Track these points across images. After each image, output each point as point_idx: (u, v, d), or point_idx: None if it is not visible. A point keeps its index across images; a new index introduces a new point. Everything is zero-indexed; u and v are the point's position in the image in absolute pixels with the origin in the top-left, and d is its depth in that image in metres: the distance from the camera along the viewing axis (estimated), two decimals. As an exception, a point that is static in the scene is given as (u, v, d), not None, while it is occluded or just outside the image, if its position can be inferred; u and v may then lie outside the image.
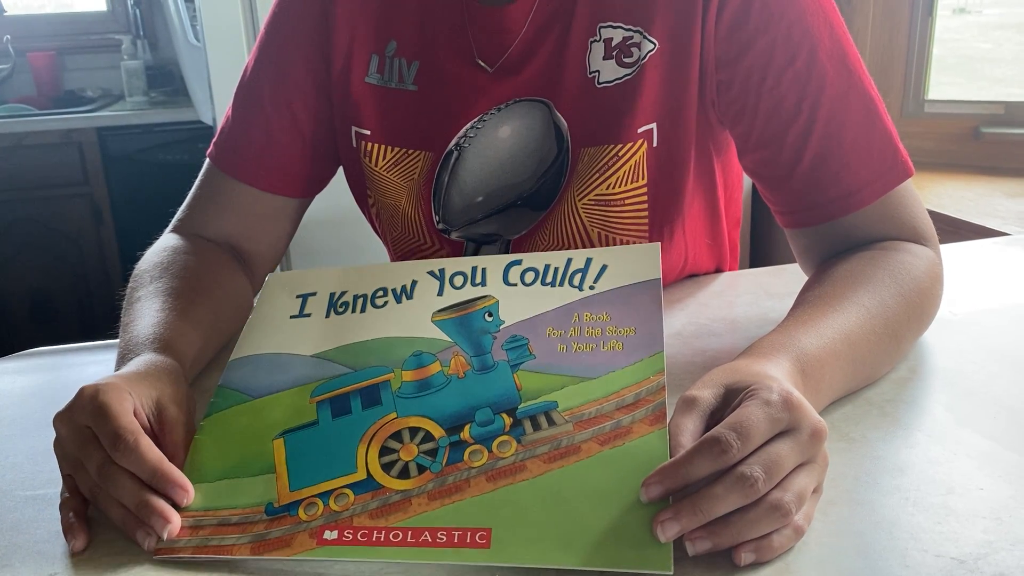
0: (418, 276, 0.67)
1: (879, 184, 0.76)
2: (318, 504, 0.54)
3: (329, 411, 0.60)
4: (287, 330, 0.67)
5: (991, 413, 0.65)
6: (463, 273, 0.66)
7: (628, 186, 0.81)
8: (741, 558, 0.48)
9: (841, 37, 0.76)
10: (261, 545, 0.53)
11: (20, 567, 0.53)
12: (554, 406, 0.56)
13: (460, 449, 0.55)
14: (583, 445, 0.54)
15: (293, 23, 0.89)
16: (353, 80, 0.87)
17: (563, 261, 0.65)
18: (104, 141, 2.78)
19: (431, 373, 0.60)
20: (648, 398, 0.55)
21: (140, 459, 0.55)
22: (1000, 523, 0.52)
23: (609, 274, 0.63)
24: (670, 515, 0.48)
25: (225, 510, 0.55)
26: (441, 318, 0.64)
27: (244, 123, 0.90)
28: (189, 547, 0.53)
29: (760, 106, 0.77)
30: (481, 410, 0.57)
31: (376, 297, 0.67)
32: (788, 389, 0.52)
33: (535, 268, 0.65)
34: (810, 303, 0.68)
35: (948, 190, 1.74)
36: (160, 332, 0.70)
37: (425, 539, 0.51)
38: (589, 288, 0.63)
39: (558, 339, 0.60)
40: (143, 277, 0.80)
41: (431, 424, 0.57)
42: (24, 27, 3.16)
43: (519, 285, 0.64)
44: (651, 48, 0.79)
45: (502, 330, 0.62)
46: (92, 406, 0.56)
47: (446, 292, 0.65)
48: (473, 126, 0.85)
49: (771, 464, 0.48)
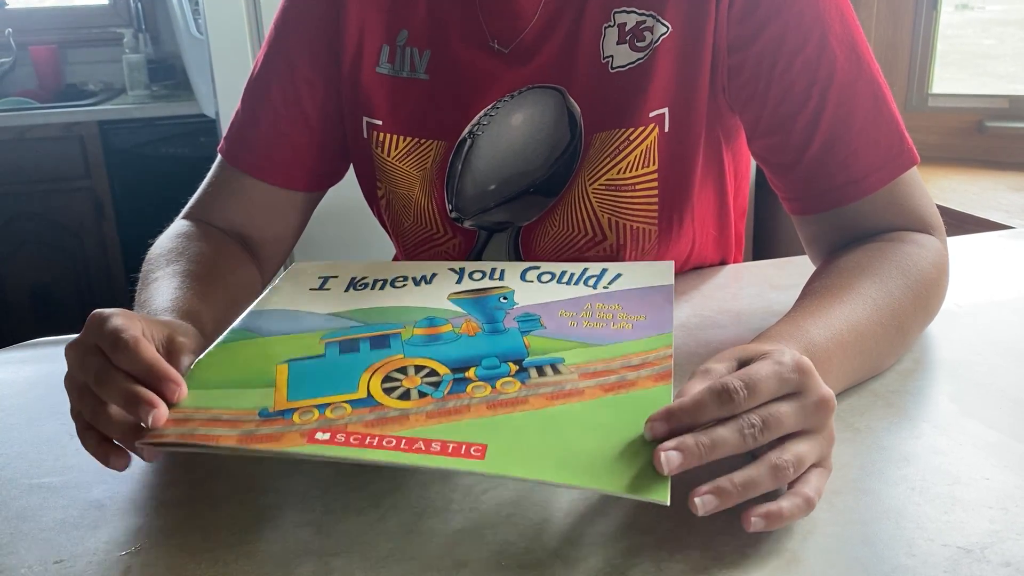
0: (438, 270, 0.70)
1: (886, 171, 0.76)
2: (313, 412, 0.53)
3: (337, 348, 0.60)
4: (306, 297, 0.70)
5: (996, 404, 0.65)
6: (482, 271, 0.69)
7: (639, 171, 0.81)
8: (751, 523, 0.48)
9: (851, 23, 0.77)
10: (249, 438, 0.51)
11: (25, 554, 0.53)
12: (561, 360, 0.57)
13: (463, 384, 0.56)
14: (587, 390, 0.54)
15: (302, 17, 0.89)
16: (364, 71, 0.87)
17: (579, 269, 0.68)
18: (106, 135, 2.78)
19: (442, 331, 0.61)
20: (654, 362, 0.56)
21: (137, 356, 0.54)
22: (1006, 512, 0.52)
23: (623, 279, 0.66)
24: (673, 445, 0.48)
25: (217, 409, 0.54)
26: (457, 297, 0.66)
27: (254, 118, 0.90)
28: (174, 434, 0.52)
29: (770, 91, 0.77)
30: (488, 358, 0.58)
31: (396, 281, 0.70)
32: (801, 356, 0.52)
33: (552, 272, 0.68)
34: (817, 294, 0.68)
35: (952, 184, 1.74)
36: (178, 305, 0.70)
37: (419, 447, 0.50)
38: (603, 288, 0.64)
39: (569, 318, 0.61)
40: (159, 260, 0.80)
41: (437, 364, 0.58)
42: (26, 20, 3.16)
43: (535, 282, 0.67)
44: (664, 31, 0.79)
45: (515, 309, 0.63)
46: (98, 320, 0.57)
47: (464, 282, 0.68)
48: (486, 114, 0.85)
49: (769, 418, 0.49)
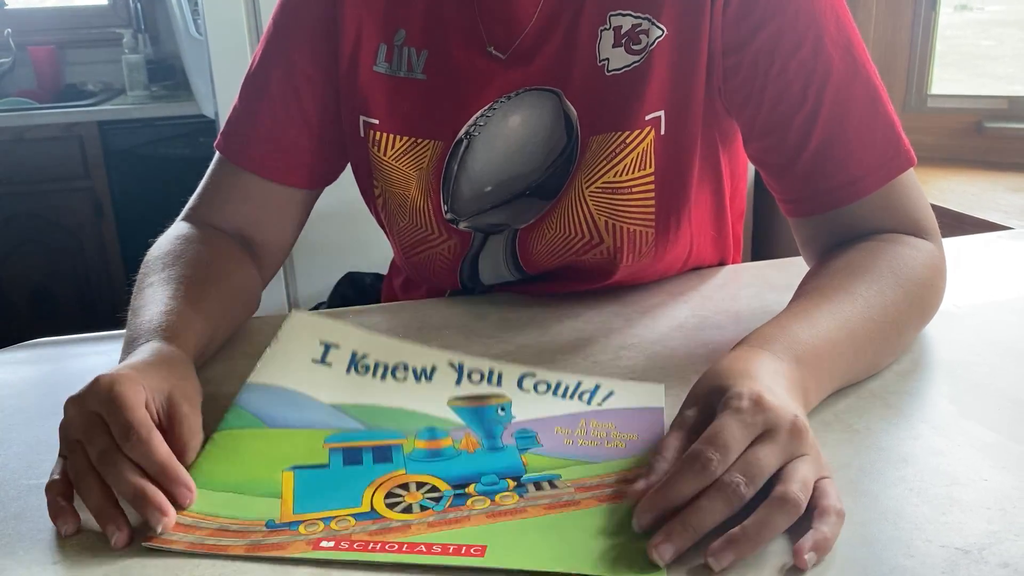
0: (438, 363, 0.71)
1: (882, 172, 0.76)
2: (319, 524, 0.54)
3: (341, 458, 0.61)
4: (307, 371, 0.69)
5: (995, 405, 0.65)
6: (480, 372, 0.70)
7: (635, 174, 0.81)
8: (805, 561, 0.48)
9: (846, 25, 0.77)
10: (256, 548, 0.52)
11: (23, 555, 0.53)
12: (557, 477, 0.58)
13: (463, 498, 0.57)
14: (583, 501, 0.55)
15: (300, 14, 0.89)
16: (361, 69, 0.87)
17: (574, 382, 0.69)
18: (105, 135, 2.78)
19: (442, 446, 0.62)
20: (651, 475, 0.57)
21: (150, 453, 0.55)
22: (1004, 513, 0.52)
23: (616, 398, 0.67)
24: (662, 538, 0.48)
25: (225, 518, 0.55)
26: (457, 404, 0.67)
27: (251, 113, 0.90)
28: (183, 542, 0.53)
29: (766, 93, 0.77)
30: (487, 475, 0.59)
31: (396, 371, 0.70)
32: (758, 392, 0.53)
33: (548, 382, 0.69)
34: (807, 295, 0.68)
35: (951, 184, 1.74)
36: (169, 320, 0.70)
37: (420, 550, 0.51)
38: (597, 405, 0.66)
39: (565, 435, 0.63)
40: (155, 264, 0.80)
41: (438, 481, 0.58)
42: (25, 21, 3.16)
43: (531, 392, 0.68)
44: (659, 34, 0.79)
45: (513, 423, 0.64)
46: (107, 395, 0.57)
47: (463, 384, 0.69)
48: (483, 114, 0.85)
49: (749, 468, 0.50)
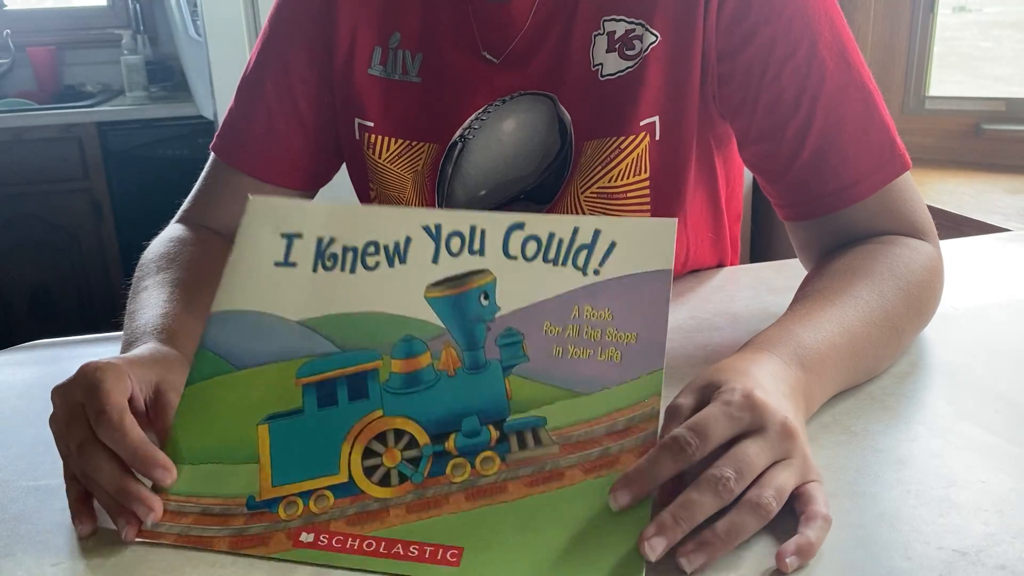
0: (412, 231, 0.62)
1: (877, 177, 0.76)
2: (298, 503, 0.54)
3: (315, 398, 0.58)
4: (271, 282, 0.62)
5: (992, 407, 0.65)
6: (460, 234, 0.61)
7: (630, 179, 0.81)
8: (786, 564, 0.48)
9: (841, 30, 0.77)
10: (240, 540, 0.53)
11: (23, 557, 0.53)
12: (542, 423, 0.55)
13: (443, 461, 0.54)
14: (567, 471, 0.53)
15: (295, 15, 0.89)
16: (356, 72, 0.87)
17: (569, 230, 0.59)
18: (104, 136, 2.78)
19: (421, 366, 0.58)
20: (640, 425, 0.53)
21: (122, 437, 0.54)
22: (1002, 516, 0.52)
23: (617, 255, 0.58)
24: (653, 531, 0.48)
25: (207, 498, 0.55)
26: (435, 295, 0.60)
27: (247, 115, 0.90)
28: (171, 534, 0.53)
29: (760, 99, 0.77)
30: (468, 418, 0.55)
31: (367, 255, 0.62)
32: (750, 388, 0.52)
33: (538, 237, 0.60)
34: (808, 298, 0.68)
35: (949, 186, 1.74)
36: (166, 323, 0.70)
37: (397, 551, 0.51)
38: (593, 272, 0.58)
39: (555, 339, 0.57)
40: (150, 266, 0.80)
41: (416, 428, 0.56)
42: (24, 22, 3.15)
43: (519, 258, 0.60)
44: (653, 40, 0.79)
45: (497, 319, 0.58)
46: (87, 381, 0.56)
47: (442, 258, 0.60)
48: (477, 117, 0.85)
49: (740, 463, 0.49)
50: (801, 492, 0.51)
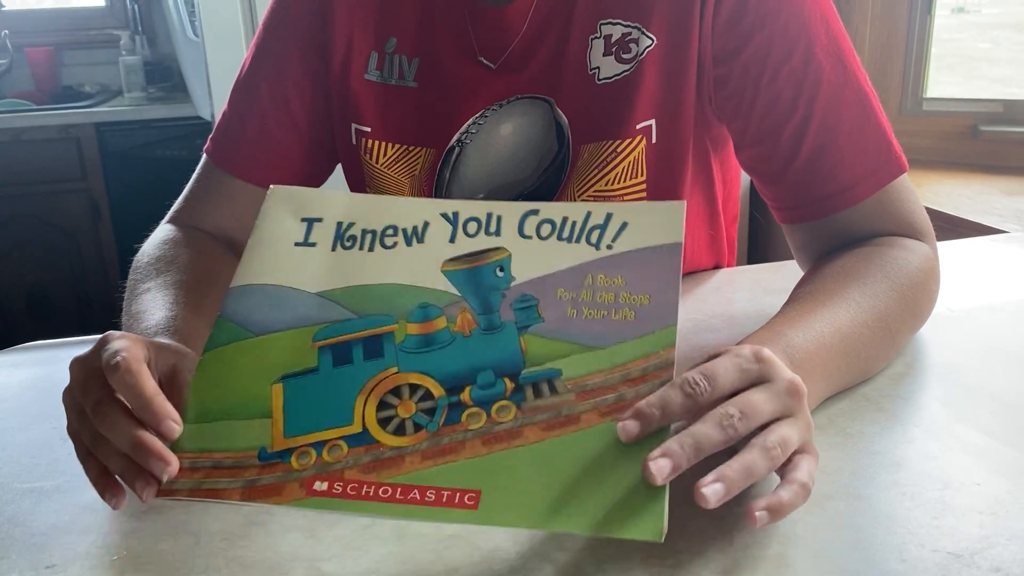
0: (430, 217, 0.64)
1: (874, 180, 0.76)
2: (311, 453, 0.54)
3: (331, 358, 0.58)
4: (291, 259, 0.64)
5: (988, 409, 0.65)
6: (477, 219, 0.63)
7: (627, 182, 0.81)
8: (756, 518, 0.48)
9: (837, 33, 0.77)
10: (252, 491, 0.53)
11: (18, 559, 0.53)
12: (558, 374, 0.55)
13: (458, 411, 0.54)
14: (583, 416, 0.53)
15: (291, 19, 0.89)
16: (352, 77, 0.87)
17: (582, 215, 0.61)
18: (102, 137, 2.78)
19: (436, 328, 0.59)
20: (655, 373, 0.54)
21: (135, 384, 0.53)
22: (996, 518, 0.52)
23: (629, 233, 0.60)
24: (659, 453, 0.48)
25: (219, 452, 0.55)
26: (451, 268, 0.61)
27: (241, 119, 0.90)
28: (185, 489, 0.53)
29: (756, 102, 0.77)
30: (483, 372, 0.56)
31: (386, 236, 0.64)
32: (759, 347, 0.53)
33: (552, 220, 0.62)
34: (800, 300, 0.68)
35: (946, 188, 1.74)
36: (177, 325, 0.69)
37: (414, 496, 0.50)
38: (607, 248, 0.60)
39: (569, 302, 0.58)
40: (147, 269, 0.80)
41: (431, 382, 0.56)
42: (22, 22, 3.15)
43: (534, 238, 0.61)
44: (649, 44, 0.79)
45: (512, 288, 0.60)
46: (107, 345, 0.56)
47: (458, 239, 0.62)
48: (475, 122, 0.85)
49: (746, 406, 0.49)
50: (790, 459, 0.51)
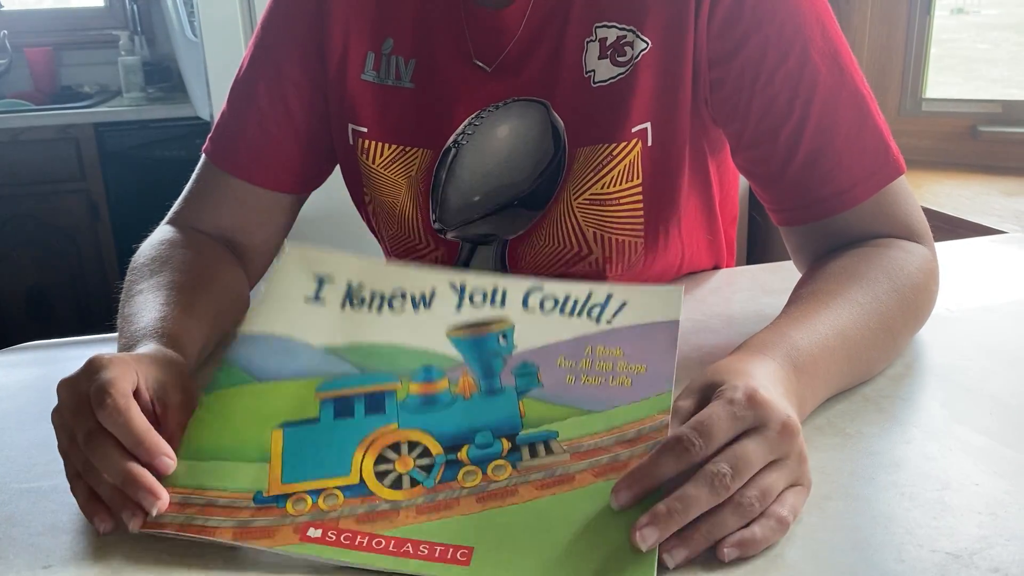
0: (439, 286, 0.66)
1: (872, 182, 0.76)
2: (306, 500, 0.54)
3: (332, 410, 0.59)
4: (300, 313, 0.66)
5: (987, 409, 0.65)
6: (483, 292, 0.66)
7: (623, 185, 0.81)
8: (724, 554, 0.48)
9: (833, 35, 0.76)
10: (244, 532, 0.52)
11: (14, 559, 0.53)
12: (554, 435, 0.56)
13: (455, 468, 0.55)
14: (577, 475, 0.54)
15: (288, 20, 0.89)
16: (349, 77, 0.87)
17: (584, 293, 0.64)
18: (101, 137, 2.78)
19: (438, 390, 0.60)
20: (649, 435, 0.55)
21: (126, 423, 0.54)
22: (995, 518, 0.52)
23: (628, 311, 0.63)
24: (647, 520, 0.48)
25: (213, 491, 0.55)
26: (456, 335, 0.64)
27: (239, 119, 0.90)
28: (174, 524, 0.53)
29: (753, 104, 0.77)
30: (482, 432, 0.57)
31: (394, 300, 0.66)
32: (754, 387, 0.52)
33: (555, 297, 0.64)
34: (803, 300, 0.68)
35: (945, 188, 1.74)
36: (166, 326, 0.69)
37: (407, 550, 0.51)
38: (607, 323, 0.62)
39: (568, 370, 0.60)
40: (142, 270, 0.80)
41: (430, 440, 0.57)
42: (21, 22, 3.15)
43: (537, 311, 0.64)
44: (644, 47, 0.79)
45: (514, 355, 0.61)
46: (93, 372, 0.56)
47: (464, 308, 0.65)
48: (471, 123, 0.85)
49: (738, 460, 0.49)
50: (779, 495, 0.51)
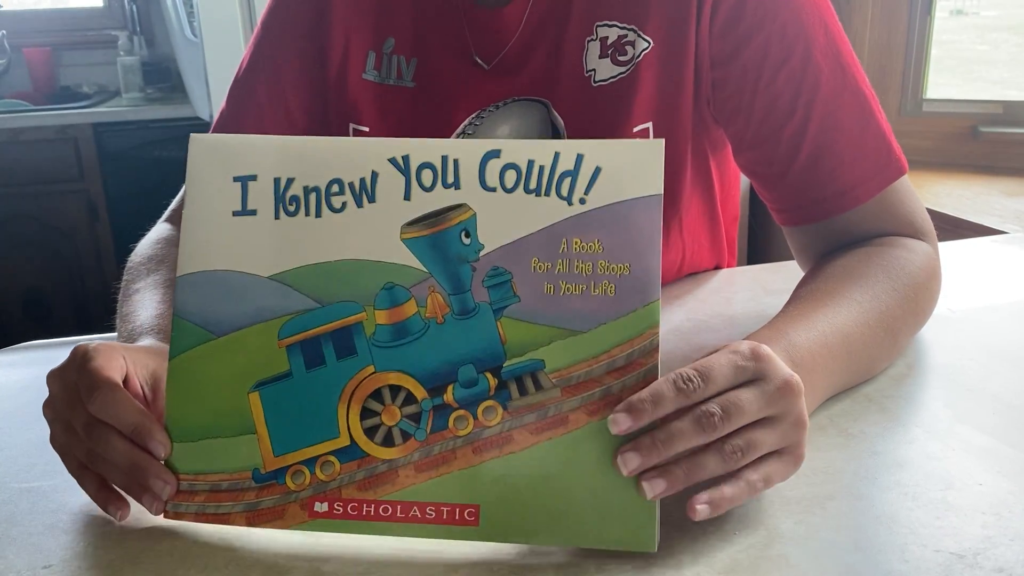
0: (378, 166, 0.57)
1: (874, 181, 0.76)
2: (304, 472, 0.54)
3: (302, 359, 0.56)
4: (232, 234, 0.59)
5: (989, 409, 0.65)
6: (432, 166, 0.57)
7: None
8: (696, 511, 0.48)
9: (835, 35, 0.76)
10: (255, 515, 0.54)
11: (14, 559, 0.53)
12: (541, 366, 0.53)
13: (444, 414, 0.53)
14: (571, 415, 0.52)
15: (289, 19, 0.88)
16: (350, 77, 0.87)
17: (550, 157, 0.56)
18: (100, 137, 2.78)
19: (407, 316, 0.55)
20: (640, 360, 0.52)
21: (118, 410, 0.54)
22: (999, 518, 0.52)
23: (603, 181, 0.55)
24: (630, 448, 0.49)
25: (214, 474, 0.55)
26: (411, 235, 0.56)
27: (238, 118, 0.90)
28: (191, 513, 0.54)
29: (755, 105, 0.77)
30: (464, 367, 0.54)
31: (331, 195, 0.58)
32: (758, 344, 0.52)
33: (517, 165, 0.56)
34: (802, 299, 0.68)
35: (946, 189, 1.74)
36: (162, 323, 0.69)
37: (415, 515, 0.51)
38: (579, 202, 0.55)
39: (544, 276, 0.55)
40: (139, 269, 0.80)
41: (412, 382, 0.55)
42: (20, 22, 3.15)
43: (499, 190, 0.56)
44: (645, 47, 0.79)
45: (482, 259, 0.55)
46: (80, 360, 0.56)
47: (414, 194, 0.56)
48: (472, 122, 0.85)
49: (730, 405, 0.49)
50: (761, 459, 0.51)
